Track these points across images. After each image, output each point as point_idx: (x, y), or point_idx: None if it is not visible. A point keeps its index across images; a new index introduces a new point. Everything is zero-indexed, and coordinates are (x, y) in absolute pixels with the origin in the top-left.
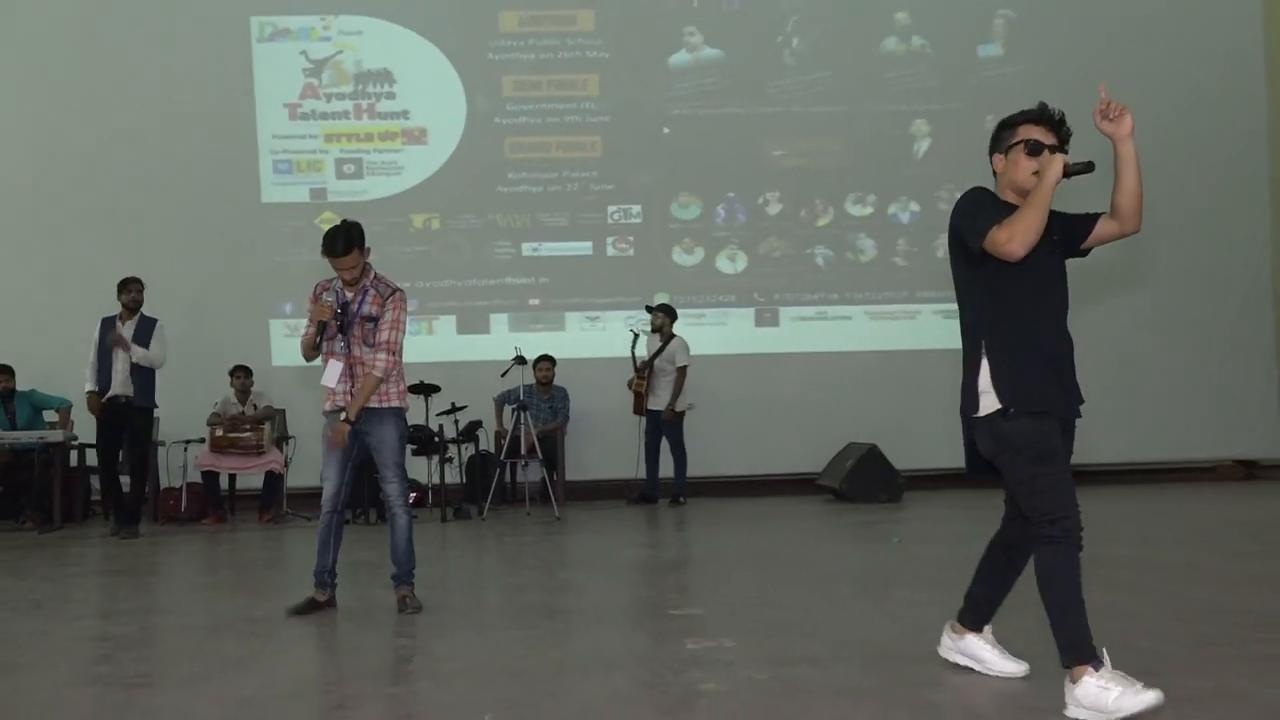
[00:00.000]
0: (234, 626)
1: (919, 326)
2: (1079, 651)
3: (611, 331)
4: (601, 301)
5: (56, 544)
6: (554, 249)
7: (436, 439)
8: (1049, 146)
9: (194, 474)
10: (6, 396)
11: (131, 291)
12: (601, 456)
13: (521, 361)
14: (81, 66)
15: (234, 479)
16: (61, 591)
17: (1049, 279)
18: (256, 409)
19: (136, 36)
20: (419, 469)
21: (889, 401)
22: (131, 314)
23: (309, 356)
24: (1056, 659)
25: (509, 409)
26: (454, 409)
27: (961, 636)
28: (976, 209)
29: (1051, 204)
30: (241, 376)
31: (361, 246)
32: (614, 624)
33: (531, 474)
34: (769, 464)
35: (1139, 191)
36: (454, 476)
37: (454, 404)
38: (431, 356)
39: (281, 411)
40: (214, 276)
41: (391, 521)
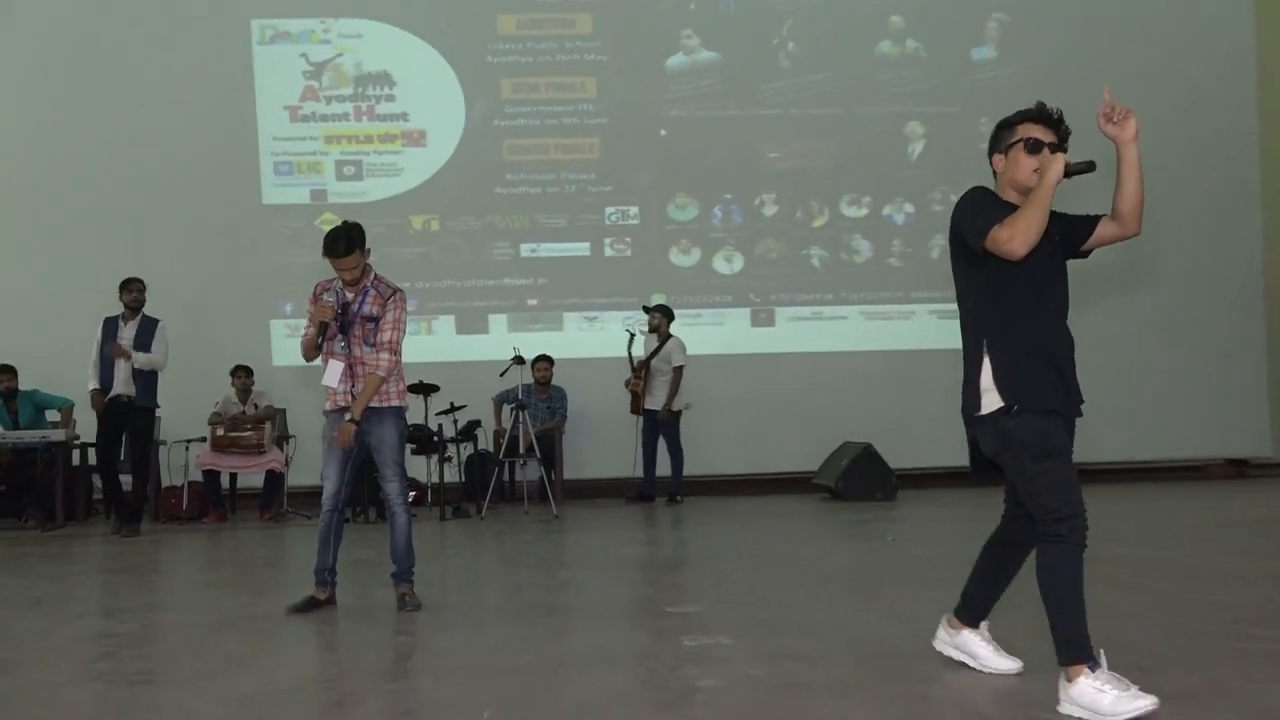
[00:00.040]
0: (235, 624)
1: (914, 326)
2: (1077, 651)
3: (609, 332)
4: (599, 302)
5: (58, 542)
6: (552, 250)
7: (436, 438)
8: (1048, 144)
9: (195, 473)
10: (9, 396)
11: (133, 291)
12: (599, 455)
13: (520, 361)
14: (83, 69)
15: (235, 478)
16: (63, 589)
17: (1050, 279)
18: (257, 408)
19: (138, 39)
20: (418, 468)
21: (884, 401)
22: (133, 314)
23: (309, 357)
24: (1051, 656)
25: (507, 408)
26: (453, 408)
27: (958, 632)
28: (977, 208)
29: (1052, 204)
30: (242, 376)
31: (362, 247)
32: (612, 621)
33: (530, 473)
34: (765, 463)
35: (1140, 195)
36: (453, 475)
37: (453, 403)
38: (431, 356)
39: (282, 411)
40: (215, 277)
41: (391, 520)
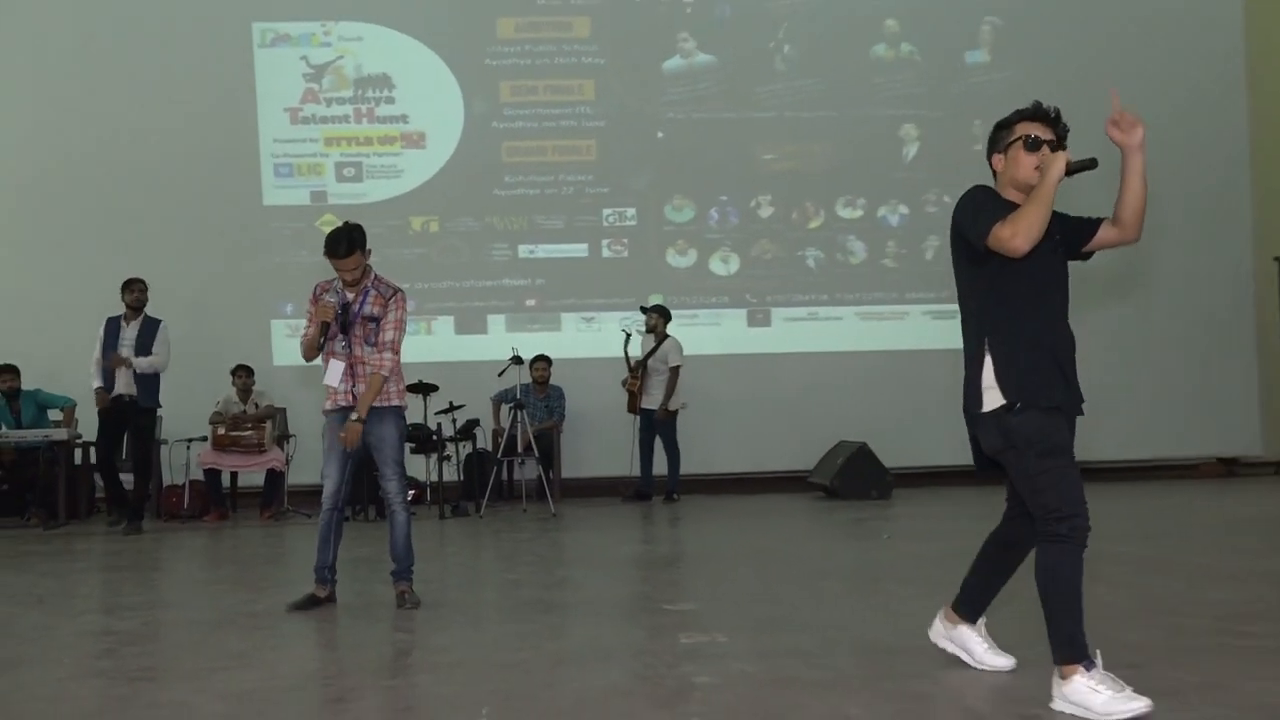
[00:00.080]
0: (236, 621)
1: (908, 327)
2: (1073, 651)
3: (607, 332)
4: (597, 302)
5: (61, 540)
6: (550, 251)
7: (435, 437)
8: (1047, 142)
9: (196, 472)
10: (12, 396)
11: (135, 291)
12: (597, 454)
13: (518, 361)
14: (85, 71)
15: (235, 477)
16: (65, 587)
17: (1051, 277)
18: (258, 408)
19: (140, 42)
20: (417, 467)
21: (879, 400)
22: (135, 314)
23: (309, 357)
24: (1046, 654)
25: (506, 408)
26: (452, 408)
27: (955, 626)
28: (979, 207)
29: (1054, 203)
30: (243, 376)
31: (363, 248)
32: (609, 618)
33: (528, 472)
34: (761, 462)
35: (1143, 203)
36: (452, 474)
37: (452, 403)
38: (430, 356)
39: (282, 410)
40: (216, 278)
41: (391, 518)
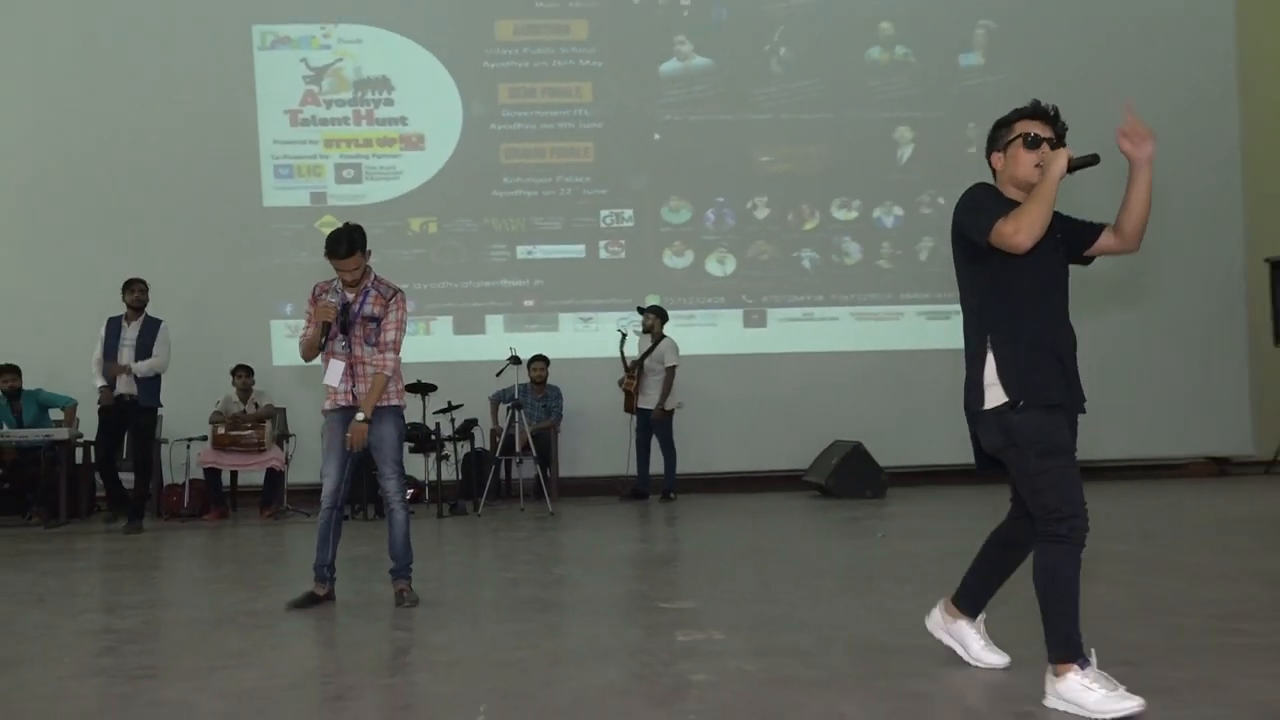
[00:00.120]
0: (235, 619)
1: (903, 327)
2: (1068, 650)
3: (604, 332)
4: (594, 303)
5: (62, 539)
6: (548, 252)
7: (433, 437)
8: (1046, 140)
9: (196, 471)
10: (13, 395)
11: (135, 292)
12: (594, 453)
13: (516, 361)
14: (85, 71)
15: (235, 476)
16: (66, 586)
17: (1052, 274)
18: (258, 407)
19: (141, 42)
20: (416, 466)
21: (873, 400)
22: (136, 314)
23: (308, 357)
24: (1040, 652)
25: (504, 407)
26: (450, 407)
27: (955, 620)
28: (980, 204)
29: (1056, 200)
30: (243, 376)
31: (363, 249)
32: (606, 617)
33: (526, 471)
34: (757, 461)
35: (1146, 215)
36: (450, 473)
37: (450, 402)
38: (428, 356)
39: (282, 410)
40: (216, 278)
41: (389, 517)
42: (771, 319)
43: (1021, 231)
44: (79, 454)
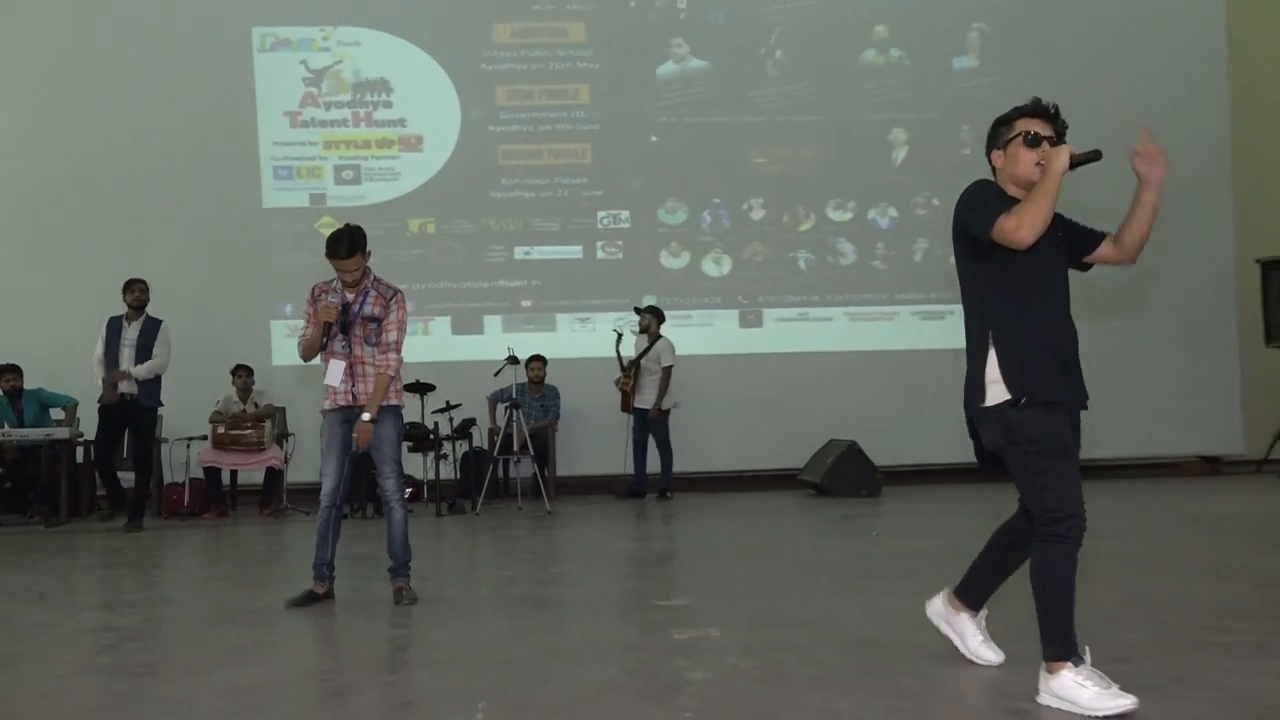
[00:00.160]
0: (235, 618)
1: (897, 328)
2: (1063, 648)
3: (601, 332)
4: (591, 303)
5: (62, 538)
6: (545, 253)
7: (432, 436)
8: (1046, 138)
9: (196, 470)
10: (14, 395)
11: (135, 292)
12: (591, 453)
13: (514, 361)
14: (87, 73)
15: (235, 475)
16: (66, 584)
17: (1054, 271)
18: (257, 407)
19: (141, 44)
20: (415, 465)
21: (868, 400)
22: (136, 314)
23: (307, 356)
24: (1036, 650)
25: (502, 407)
26: (449, 407)
27: (956, 612)
28: (982, 200)
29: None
30: (243, 375)
31: (364, 249)
32: (603, 614)
33: (523, 470)
34: (753, 460)
35: (1148, 233)
36: (449, 472)
37: (449, 402)
38: (427, 356)
39: (282, 409)
40: (216, 278)
41: (388, 516)
42: (767, 319)
43: (1024, 227)
44: (79, 453)
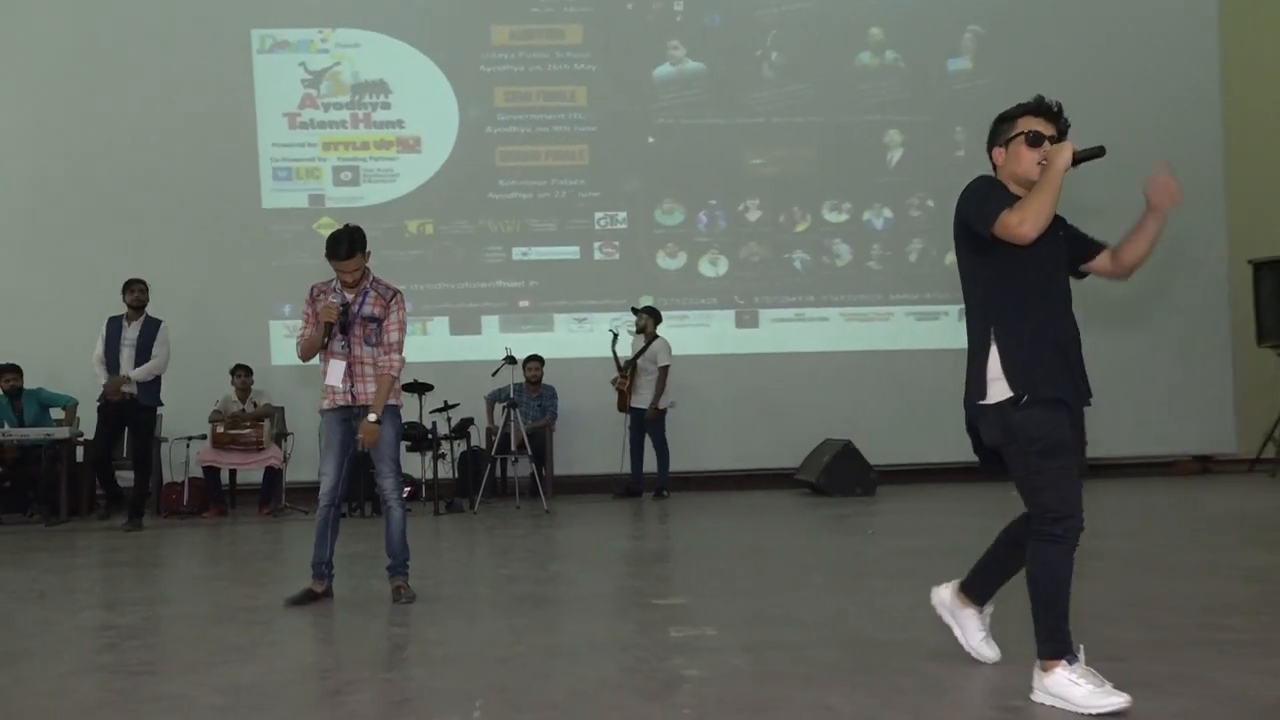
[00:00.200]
0: (234, 616)
1: (892, 328)
2: (1058, 647)
3: (598, 333)
4: (589, 304)
5: (62, 536)
6: (543, 253)
7: (430, 435)
8: (1049, 137)
9: (195, 469)
10: (14, 395)
11: (135, 292)
12: (588, 452)
13: (512, 361)
14: (87, 73)
15: (234, 474)
16: (66, 583)
17: (1055, 267)
18: (256, 406)
19: (141, 44)
20: (413, 464)
21: (863, 399)
22: (136, 314)
23: (306, 356)
24: (1032, 649)
25: (499, 407)
26: (447, 407)
27: (963, 606)
28: (984, 196)
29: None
30: (242, 375)
31: (363, 250)
32: (601, 613)
33: (521, 469)
34: (749, 459)
35: (1148, 255)
36: (447, 471)
37: (447, 402)
38: (425, 356)
39: (281, 409)
40: (215, 279)
41: (387, 515)
42: (763, 319)
43: (1027, 222)
44: (79, 453)
